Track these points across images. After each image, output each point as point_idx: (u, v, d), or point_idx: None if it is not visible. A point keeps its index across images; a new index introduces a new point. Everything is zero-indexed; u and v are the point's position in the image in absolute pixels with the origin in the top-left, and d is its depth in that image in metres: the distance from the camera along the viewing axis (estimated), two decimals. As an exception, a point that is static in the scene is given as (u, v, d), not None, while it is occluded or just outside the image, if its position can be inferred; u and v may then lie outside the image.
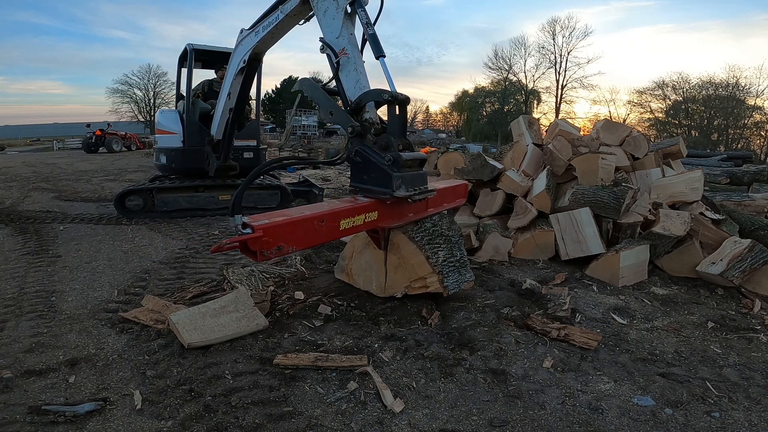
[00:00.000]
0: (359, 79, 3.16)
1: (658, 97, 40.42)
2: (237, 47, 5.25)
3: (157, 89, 49.05)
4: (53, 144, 28.64)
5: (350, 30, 3.30)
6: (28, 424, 1.93)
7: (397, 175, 2.79)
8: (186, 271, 4.01)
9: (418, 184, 2.97)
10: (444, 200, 3.61)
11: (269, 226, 2.34)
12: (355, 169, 3.01)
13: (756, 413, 2.15)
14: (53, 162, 14.95)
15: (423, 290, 3.04)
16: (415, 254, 3.00)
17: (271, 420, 1.99)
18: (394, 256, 3.08)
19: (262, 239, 2.29)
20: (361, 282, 3.33)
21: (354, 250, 3.40)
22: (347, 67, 3.21)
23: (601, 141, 5.39)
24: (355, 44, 3.27)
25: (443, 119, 67.15)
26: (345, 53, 3.22)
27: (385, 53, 3.16)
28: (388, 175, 2.80)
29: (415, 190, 2.90)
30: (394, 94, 2.97)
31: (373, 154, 2.89)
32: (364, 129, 2.98)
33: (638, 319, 3.16)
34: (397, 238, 3.05)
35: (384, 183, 2.83)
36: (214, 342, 2.57)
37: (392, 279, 3.12)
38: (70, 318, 2.98)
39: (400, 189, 2.79)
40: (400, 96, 2.99)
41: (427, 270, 2.99)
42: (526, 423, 2.02)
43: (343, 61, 3.22)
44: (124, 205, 6.13)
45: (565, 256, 4.26)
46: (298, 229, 2.49)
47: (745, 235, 4.30)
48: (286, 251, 2.46)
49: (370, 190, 2.92)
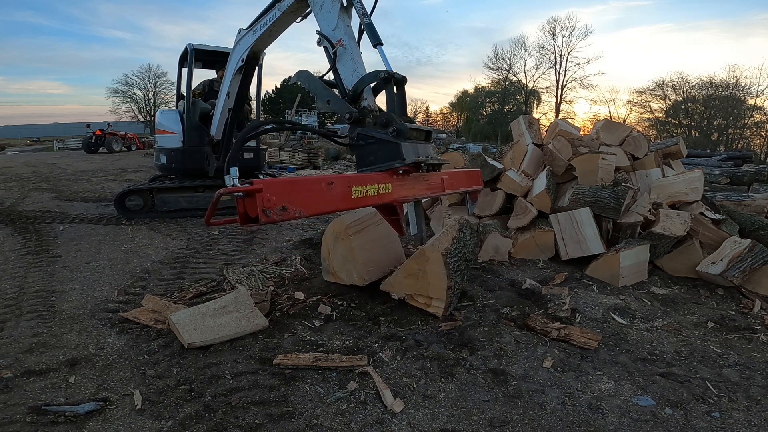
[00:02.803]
0: (356, 68, 3.17)
1: (658, 97, 40.47)
2: (235, 46, 5.27)
3: (157, 89, 49.15)
4: (53, 144, 28.62)
5: (346, 22, 3.34)
6: (28, 424, 1.93)
7: (406, 143, 2.72)
8: (186, 271, 4.01)
9: (428, 154, 2.91)
10: (460, 184, 3.56)
11: (271, 181, 2.12)
12: (360, 153, 2.96)
13: (756, 413, 2.15)
14: (53, 162, 14.95)
15: (422, 306, 2.94)
16: (440, 278, 2.80)
17: (271, 420, 1.99)
18: (416, 265, 2.86)
19: (264, 195, 2.03)
20: (345, 277, 3.19)
21: (328, 247, 3.25)
22: (344, 57, 3.23)
23: (601, 141, 5.39)
24: (351, 35, 3.31)
25: (443, 119, 67.18)
26: (342, 44, 3.25)
27: (382, 41, 3.19)
28: (396, 145, 2.72)
29: (428, 157, 2.83)
30: (390, 72, 2.98)
31: (376, 132, 2.84)
32: (363, 115, 2.95)
33: (638, 319, 3.16)
34: (431, 254, 2.79)
35: (393, 154, 2.74)
36: (214, 342, 2.57)
37: (397, 280, 2.97)
38: (70, 318, 2.98)
39: (410, 156, 2.70)
40: (397, 75, 3.00)
41: (441, 296, 2.85)
42: (526, 423, 2.02)
43: (340, 51, 3.25)
44: (124, 205, 6.13)
45: (565, 256, 4.26)
46: (304, 189, 2.27)
47: (745, 235, 4.30)
48: (293, 214, 2.15)
49: (382, 167, 2.81)
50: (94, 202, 7.56)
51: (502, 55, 48.34)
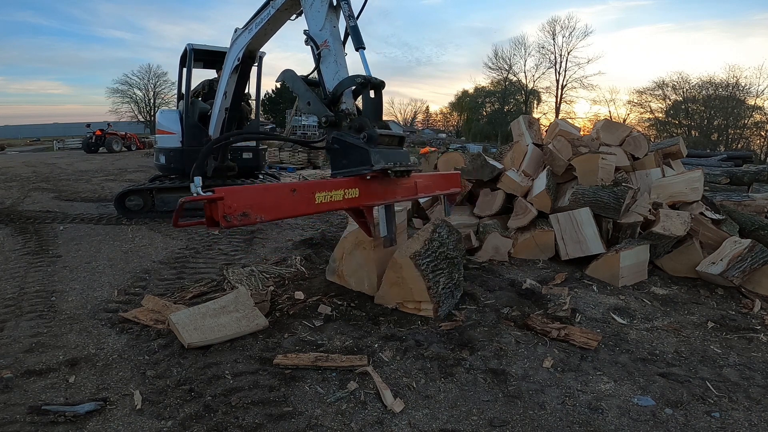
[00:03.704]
0: (338, 70, 3.21)
1: (658, 97, 40.43)
2: (232, 46, 5.31)
3: (157, 89, 49.05)
4: (53, 144, 28.60)
5: (334, 23, 3.36)
6: (28, 424, 1.93)
7: (374, 150, 2.79)
8: (186, 271, 4.01)
9: (399, 159, 2.94)
10: (436, 187, 3.58)
11: (233, 189, 2.24)
12: (334, 157, 3.01)
13: (756, 413, 2.15)
14: (53, 162, 14.95)
15: (414, 312, 3.02)
16: (417, 281, 2.93)
17: (271, 420, 1.99)
18: (394, 273, 3.00)
19: (224, 203, 2.17)
20: (354, 283, 3.31)
21: (344, 251, 3.35)
22: (328, 59, 3.27)
23: (601, 141, 5.39)
24: (337, 36, 3.33)
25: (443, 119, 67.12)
26: (326, 45, 3.28)
27: (364, 45, 3.22)
28: (365, 151, 2.78)
29: (396, 163, 2.88)
30: (368, 77, 3.02)
31: (349, 137, 2.89)
32: (339, 118, 3.00)
33: (638, 319, 3.16)
34: (401, 260, 2.95)
35: (362, 160, 2.81)
36: (214, 342, 2.57)
37: (385, 291, 3.08)
38: (70, 318, 2.99)
39: (379, 162, 2.77)
40: (374, 79, 3.04)
41: (424, 297, 2.96)
42: (526, 423, 2.02)
43: (324, 53, 3.28)
44: (124, 205, 6.13)
45: (565, 256, 4.26)
46: (267, 196, 2.38)
47: (745, 235, 4.30)
48: (253, 219, 2.30)
49: (350, 172, 2.89)
50: (94, 202, 7.56)
51: (502, 55, 48.29)
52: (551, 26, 45.28)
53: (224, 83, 5.53)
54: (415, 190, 3.22)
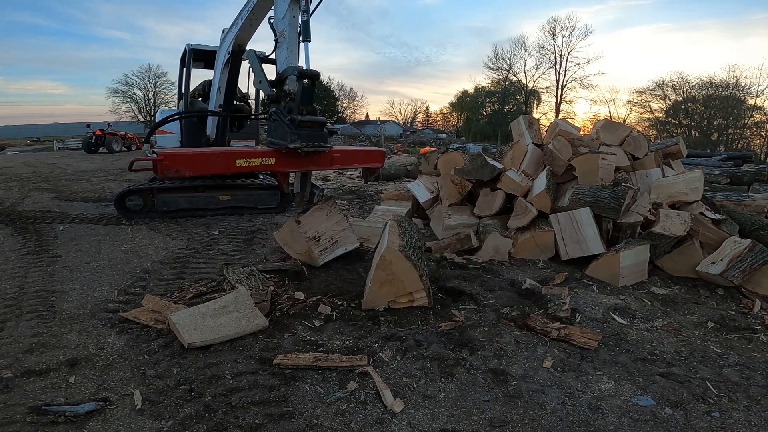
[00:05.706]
0: (288, 57, 3.84)
1: (658, 97, 40.48)
2: (222, 43, 5.73)
3: (157, 89, 49.14)
4: (53, 144, 28.60)
5: (294, 14, 3.90)
6: (28, 424, 1.93)
7: (293, 131, 3.50)
8: (186, 271, 4.01)
9: (315, 141, 3.60)
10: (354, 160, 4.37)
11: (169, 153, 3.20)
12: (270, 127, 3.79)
13: (756, 413, 2.15)
14: (53, 162, 14.95)
15: (408, 305, 3.04)
16: (409, 272, 2.99)
17: (271, 420, 1.99)
18: (384, 272, 3.01)
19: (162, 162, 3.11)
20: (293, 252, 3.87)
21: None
22: (282, 46, 3.89)
23: (601, 141, 5.39)
24: (294, 26, 3.89)
25: (443, 119, 67.21)
26: (283, 34, 3.88)
27: (310, 39, 3.79)
28: (286, 131, 3.53)
29: (309, 144, 3.55)
30: (302, 70, 3.63)
31: (280, 116, 3.64)
32: (279, 97, 3.73)
33: (638, 319, 3.16)
34: (390, 255, 2.97)
35: (283, 137, 3.55)
36: (214, 342, 2.57)
37: (375, 294, 3.07)
38: (70, 318, 2.98)
39: (295, 142, 3.49)
40: (308, 71, 3.64)
41: (417, 286, 3.02)
42: (526, 423, 2.02)
43: (281, 40, 3.90)
44: (124, 205, 6.12)
45: (565, 256, 4.26)
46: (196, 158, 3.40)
47: (745, 235, 4.30)
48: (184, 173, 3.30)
49: (274, 143, 3.68)
50: (94, 202, 7.55)
51: (502, 55, 48.45)
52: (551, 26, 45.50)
53: (217, 78, 5.72)
54: (331, 162, 3.95)
